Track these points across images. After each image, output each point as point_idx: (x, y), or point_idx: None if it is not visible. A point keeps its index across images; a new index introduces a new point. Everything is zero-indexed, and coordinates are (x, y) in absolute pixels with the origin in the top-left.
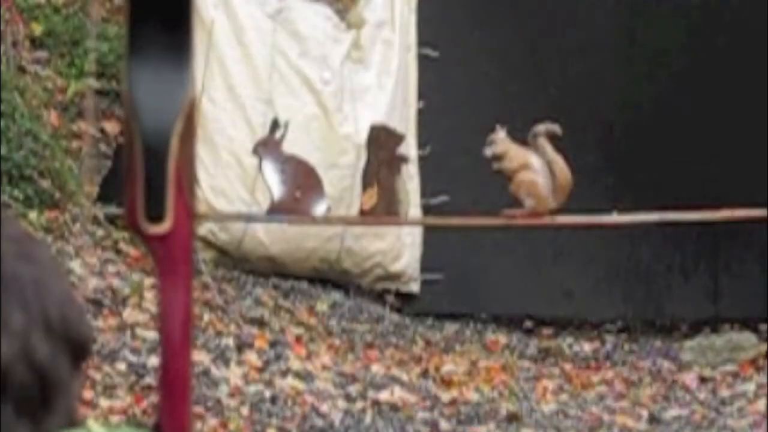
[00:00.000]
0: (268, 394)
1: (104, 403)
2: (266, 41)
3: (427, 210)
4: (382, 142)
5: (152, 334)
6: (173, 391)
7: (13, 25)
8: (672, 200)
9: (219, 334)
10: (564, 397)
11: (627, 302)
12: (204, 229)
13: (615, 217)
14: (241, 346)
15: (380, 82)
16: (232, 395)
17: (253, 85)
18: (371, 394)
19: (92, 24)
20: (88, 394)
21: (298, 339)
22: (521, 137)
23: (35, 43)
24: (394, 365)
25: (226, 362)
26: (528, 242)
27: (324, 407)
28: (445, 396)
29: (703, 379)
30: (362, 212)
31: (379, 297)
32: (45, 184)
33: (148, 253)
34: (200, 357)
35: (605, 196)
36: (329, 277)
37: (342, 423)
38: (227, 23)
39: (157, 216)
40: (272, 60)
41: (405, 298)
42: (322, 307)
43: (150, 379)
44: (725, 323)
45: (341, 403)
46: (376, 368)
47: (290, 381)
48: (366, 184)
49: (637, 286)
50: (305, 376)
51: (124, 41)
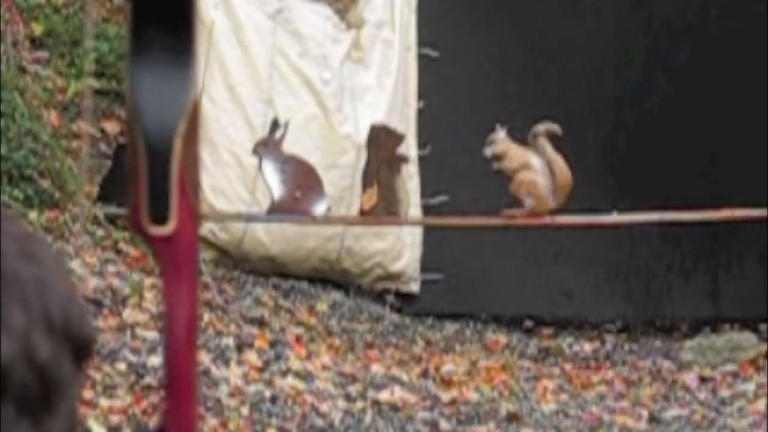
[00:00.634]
0: (268, 394)
1: (104, 403)
2: (266, 41)
3: (426, 210)
4: (382, 142)
5: (152, 334)
6: (177, 393)
7: (13, 25)
8: (672, 200)
9: (219, 334)
10: (564, 397)
11: (627, 302)
12: (204, 229)
13: (615, 217)
14: (241, 346)
15: (380, 82)
16: (232, 395)
17: (253, 85)
18: (371, 394)
19: (91, 24)
20: (88, 394)
21: (298, 339)
22: (521, 137)
23: (35, 43)
24: (394, 365)
25: (226, 362)
26: (528, 242)
27: (324, 407)
28: (445, 396)
29: (703, 379)
30: (362, 212)
31: (379, 297)
32: (45, 184)
33: (152, 254)
34: (200, 357)
35: (605, 196)
36: (329, 277)
37: (342, 423)
38: (227, 23)
39: (160, 218)
40: (272, 60)
41: (405, 298)
42: (322, 307)
43: (150, 379)
44: (725, 323)
45: (341, 403)
46: (376, 368)
47: (290, 381)
48: (366, 184)
49: (637, 286)
50: (305, 376)
51: (126, 42)
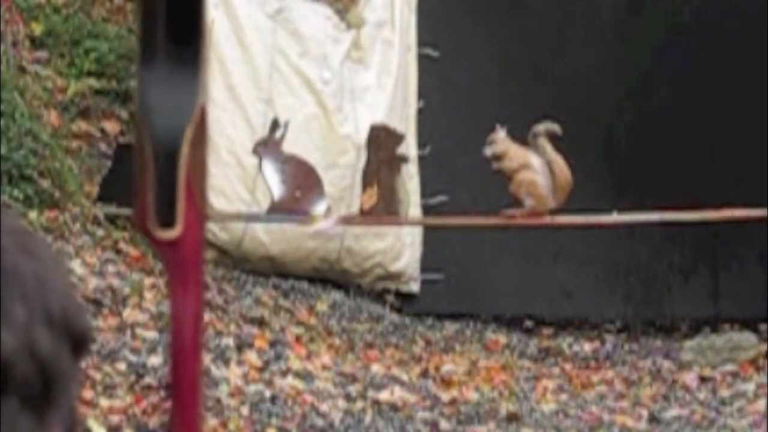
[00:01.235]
0: (268, 394)
1: (104, 403)
2: (266, 41)
3: (426, 210)
4: (382, 142)
5: (152, 334)
6: (182, 395)
7: (13, 25)
8: (672, 200)
9: (219, 334)
10: (564, 397)
11: (627, 302)
12: (204, 228)
13: (615, 217)
14: (241, 346)
15: (380, 82)
16: (232, 395)
17: (253, 85)
18: (371, 394)
19: (92, 24)
20: (88, 394)
21: (298, 339)
22: (521, 137)
23: (35, 43)
24: (394, 365)
25: (226, 362)
26: (528, 242)
27: (324, 407)
28: (445, 396)
29: (703, 379)
30: (362, 212)
31: (379, 297)
32: (45, 184)
33: (159, 258)
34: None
35: (605, 196)
36: (329, 277)
37: (342, 423)
38: (227, 23)
39: (167, 221)
40: (272, 60)
41: (405, 298)
42: (322, 307)
43: (150, 379)
44: (725, 323)
45: (341, 403)
46: (376, 368)
47: (290, 381)
48: (366, 184)
49: (637, 286)
50: (305, 376)
51: (135, 47)
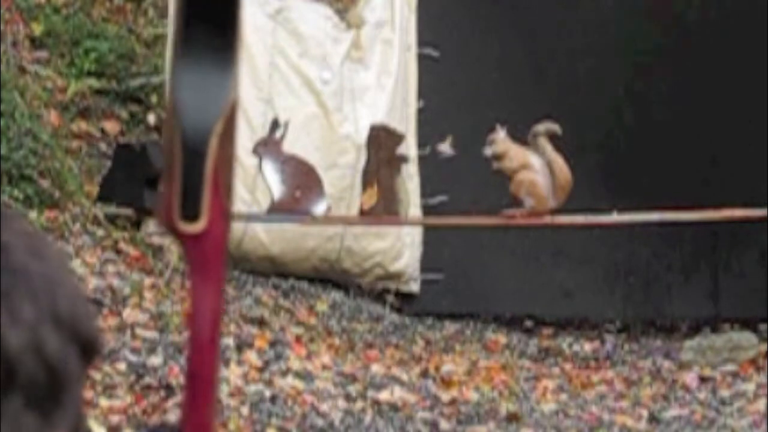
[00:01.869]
0: (268, 393)
1: (104, 402)
2: (266, 41)
3: (426, 210)
4: (382, 142)
5: (152, 334)
6: (197, 392)
7: (13, 25)
8: (672, 200)
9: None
10: (564, 397)
11: (627, 302)
12: None
13: (615, 217)
14: (241, 346)
15: (380, 81)
16: (232, 395)
17: (253, 85)
18: (371, 394)
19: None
20: (88, 394)
21: (298, 339)
22: (521, 137)
23: (35, 43)
24: (394, 365)
25: (226, 362)
26: (528, 242)
27: (324, 407)
28: (445, 396)
29: (703, 379)
30: (362, 212)
31: (379, 297)
32: (45, 184)
33: (183, 252)
34: None
35: (605, 196)
36: (329, 277)
37: (342, 423)
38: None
39: (192, 215)
40: (272, 60)
41: (405, 298)
42: (322, 307)
43: (150, 379)
44: (725, 323)
45: (341, 403)
46: (376, 368)
47: (290, 381)
48: (366, 184)
49: (637, 286)
50: (305, 376)
51: (172, 38)
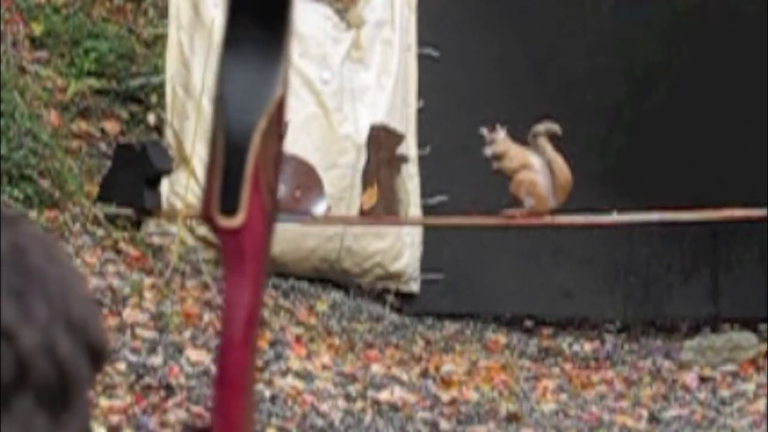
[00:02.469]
0: (268, 393)
1: (104, 403)
2: None
3: (426, 210)
4: (382, 142)
5: (152, 334)
6: (228, 391)
7: (13, 25)
8: (672, 200)
9: (219, 334)
10: (564, 397)
11: (627, 302)
12: (204, 229)
13: (615, 217)
14: None
15: (380, 81)
16: None
17: None
18: (371, 393)
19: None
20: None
21: (298, 339)
22: (521, 137)
23: (35, 43)
24: (394, 365)
25: None
26: (528, 242)
27: (324, 407)
28: (445, 396)
29: (703, 379)
30: (362, 212)
31: (379, 297)
32: (45, 184)
33: (221, 247)
34: (200, 357)
35: (605, 196)
36: (329, 277)
37: (342, 423)
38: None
39: (230, 210)
40: None
41: (405, 298)
42: (322, 307)
43: (150, 379)
44: (725, 323)
45: (341, 403)
46: (376, 368)
47: (290, 381)
48: (366, 184)
49: (637, 286)
50: (305, 376)
51: (222, 32)
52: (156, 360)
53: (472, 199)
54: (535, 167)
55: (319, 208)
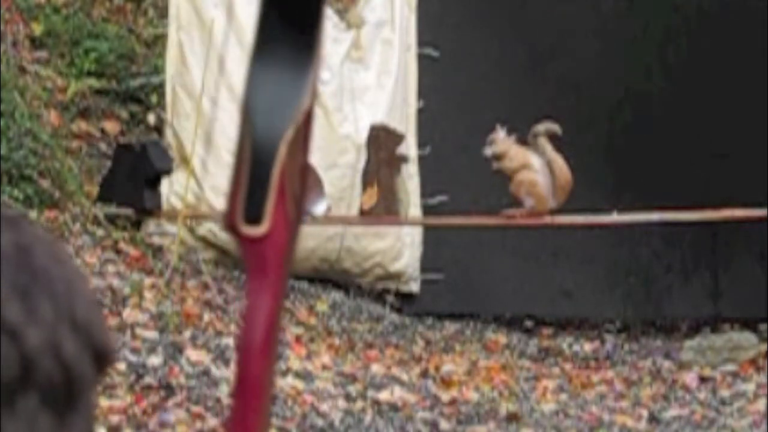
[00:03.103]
0: None
1: (104, 403)
2: None
3: (426, 210)
4: (382, 142)
5: (152, 334)
6: (246, 400)
7: (13, 25)
8: (672, 200)
9: (219, 334)
10: (564, 397)
11: (627, 302)
12: (204, 229)
13: (615, 217)
14: None
15: (380, 81)
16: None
17: None
18: (371, 394)
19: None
20: None
21: (298, 339)
22: (521, 137)
23: (35, 43)
24: (394, 365)
25: (226, 362)
26: (528, 242)
27: (324, 407)
28: (445, 396)
29: (703, 379)
30: (362, 212)
31: (379, 297)
32: (45, 184)
33: (242, 255)
34: (200, 357)
35: (605, 196)
36: (329, 277)
37: (342, 423)
38: (227, 23)
39: (254, 219)
40: None
41: (405, 298)
42: (322, 307)
43: (150, 379)
44: (725, 323)
45: (341, 403)
46: (376, 368)
47: (290, 381)
48: (366, 184)
49: (637, 286)
50: (305, 376)
51: (253, 37)
52: (156, 360)
53: (472, 199)
54: (535, 167)
55: (319, 208)
